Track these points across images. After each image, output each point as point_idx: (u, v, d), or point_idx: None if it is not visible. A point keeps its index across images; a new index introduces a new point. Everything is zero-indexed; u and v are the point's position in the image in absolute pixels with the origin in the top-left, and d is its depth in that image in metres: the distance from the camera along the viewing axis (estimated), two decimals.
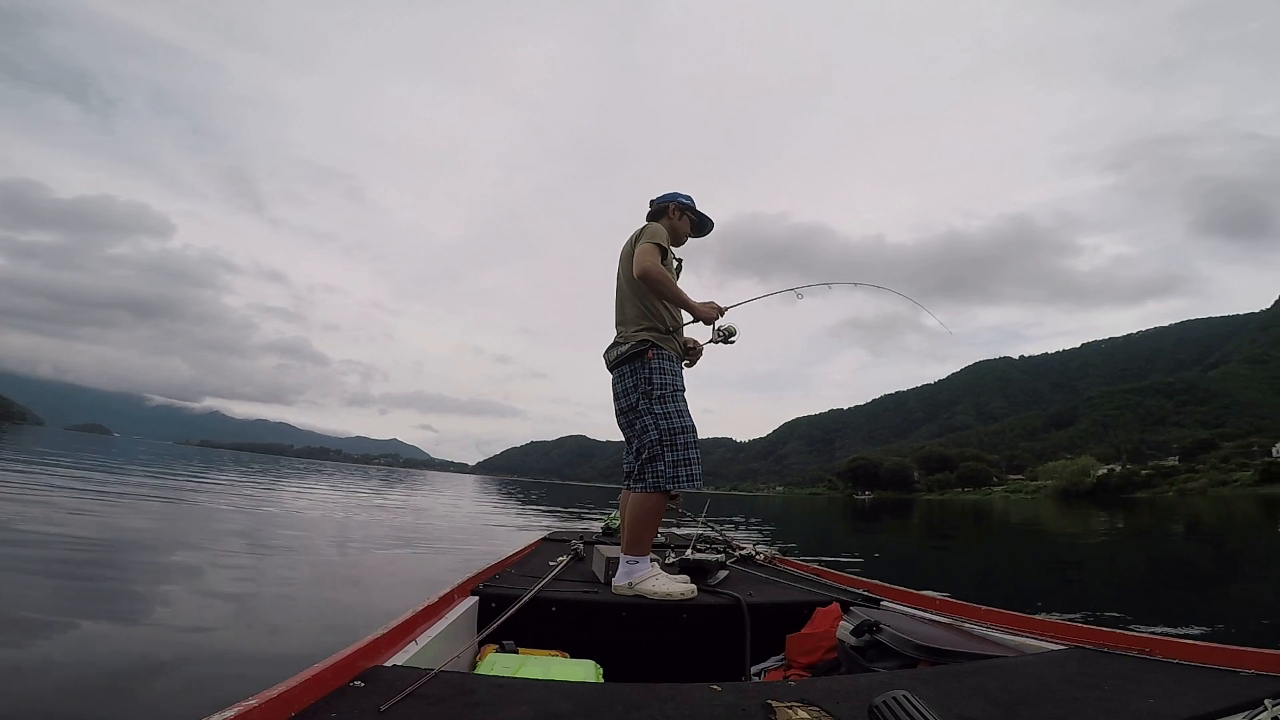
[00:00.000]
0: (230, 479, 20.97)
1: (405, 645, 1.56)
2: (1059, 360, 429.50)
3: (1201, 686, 1.34)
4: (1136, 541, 14.39)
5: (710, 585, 2.58)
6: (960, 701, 1.24)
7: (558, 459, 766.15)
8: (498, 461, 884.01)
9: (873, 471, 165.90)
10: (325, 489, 21.13)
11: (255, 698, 0.98)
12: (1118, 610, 5.34)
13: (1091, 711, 1.22)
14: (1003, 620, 2.03)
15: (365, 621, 3.50)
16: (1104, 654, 1.65)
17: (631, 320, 2.68)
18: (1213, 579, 8.06)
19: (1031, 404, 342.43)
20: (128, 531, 6.91)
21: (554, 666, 1.62)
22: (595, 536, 4.10)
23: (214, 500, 12.13)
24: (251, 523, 9.15)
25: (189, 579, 4.80)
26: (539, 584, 2.32)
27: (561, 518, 15.52)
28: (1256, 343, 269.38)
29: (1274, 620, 5.14)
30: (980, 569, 9.79)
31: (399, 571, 6.14)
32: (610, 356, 2.72)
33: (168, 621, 3.60)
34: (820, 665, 1.95)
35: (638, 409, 2.57)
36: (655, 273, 2.57)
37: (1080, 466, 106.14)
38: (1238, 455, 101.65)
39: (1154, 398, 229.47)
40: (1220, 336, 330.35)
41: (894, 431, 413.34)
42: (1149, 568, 9.63)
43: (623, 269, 2.77)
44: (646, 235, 2.68)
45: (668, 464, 2.46)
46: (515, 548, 3.55)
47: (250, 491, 15.80)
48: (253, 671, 2.85)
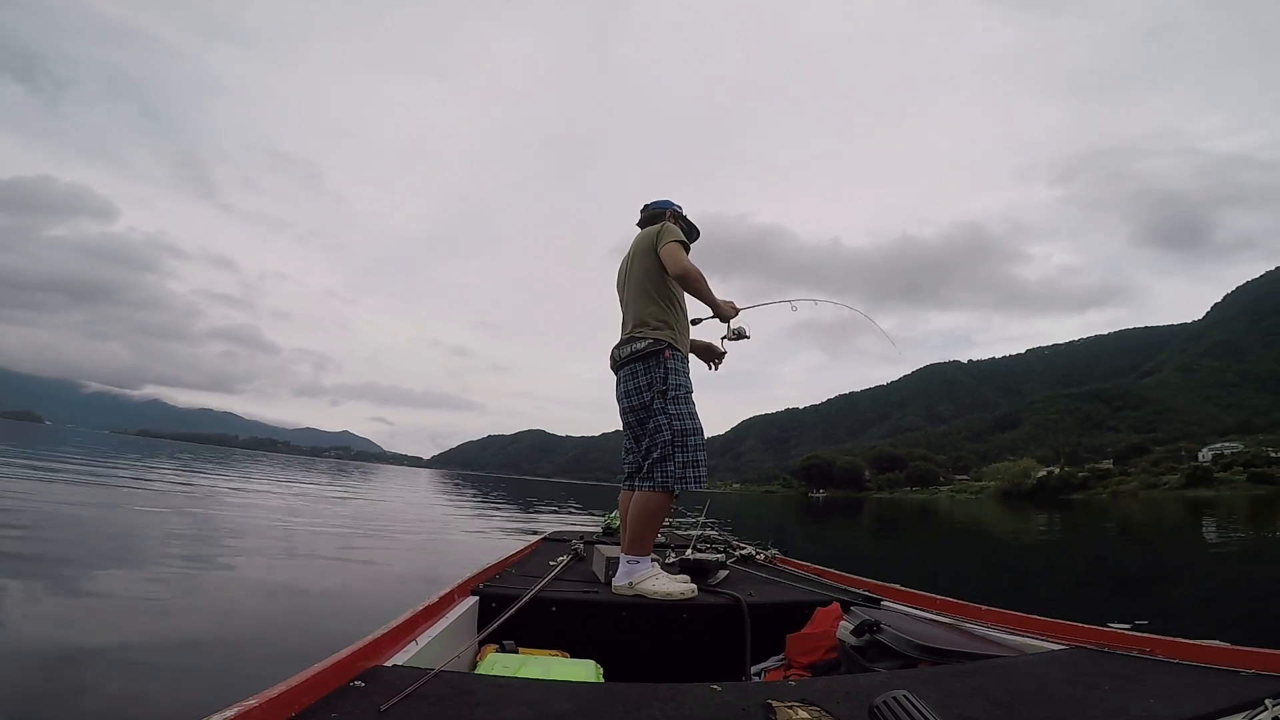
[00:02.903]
0: (170, 471, 20.19)
1: (405, 645, 1.54)
2: (1005, 365, 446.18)
3: (1202, 686, 1.34)
4: (1072, 542, 15.03)
5: (710, 585, 2.57)
6: (961, 701, 1.24)
7: (516, 454, 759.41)
8: (453, 455, 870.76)
9: (826, 470, 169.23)
10: (263, 482, 20.51)
11: (255, 698, 0.97)
12: (1054, 609, 5.55)
13: (1092, 712, 1.22)
14: (1003, 620, 2.04)
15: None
16: (1105, 654, 1.65)
17: (650, 319, 2.65)
18: (1139, 579, 8.49)
19: (978, 407, 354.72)
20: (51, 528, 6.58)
21: (554, 666, 1.61)
22: (595, 536, 4.06)
23: (154, 494, 11.66)
24: (187, 520, 8.85)
25: (161, 577, 4.63)
26: (539, 584, 2.30)
27: (514, 516, 15.41)
28: (1187, 352, 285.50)
29: (1193, 619, 5.43)
30: (926, 564, 10.18)
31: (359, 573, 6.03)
32: (623, 353, 2.68)
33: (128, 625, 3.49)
34: (820, 665, 1.95)
35: (651, 408, 2.56)
36: (695, 271, 2.61)
37: (1022, 468, 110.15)
38: (1167, 459, 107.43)
39: (1092, 403, 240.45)
40: (1155, 345, 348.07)
41: (848, 431, 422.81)
42: (1083, 567, 10.07)
43: (637, 267, 2.75)
44: (669, 234, 2.68)
45: (678, 464, 2.47)
46: (514, 548, 3.49)
47: (182, 483, 15.23)
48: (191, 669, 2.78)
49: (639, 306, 2.70)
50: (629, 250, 2.92)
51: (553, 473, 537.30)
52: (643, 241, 2.78)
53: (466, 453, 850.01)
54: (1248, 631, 4.86)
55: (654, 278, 2.70)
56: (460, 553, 7.99)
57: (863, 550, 12.46)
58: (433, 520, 12.26)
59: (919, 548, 13.63)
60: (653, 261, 2.70)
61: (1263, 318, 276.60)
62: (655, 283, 2.69)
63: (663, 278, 2.70)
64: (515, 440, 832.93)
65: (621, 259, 2.99)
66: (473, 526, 11.71)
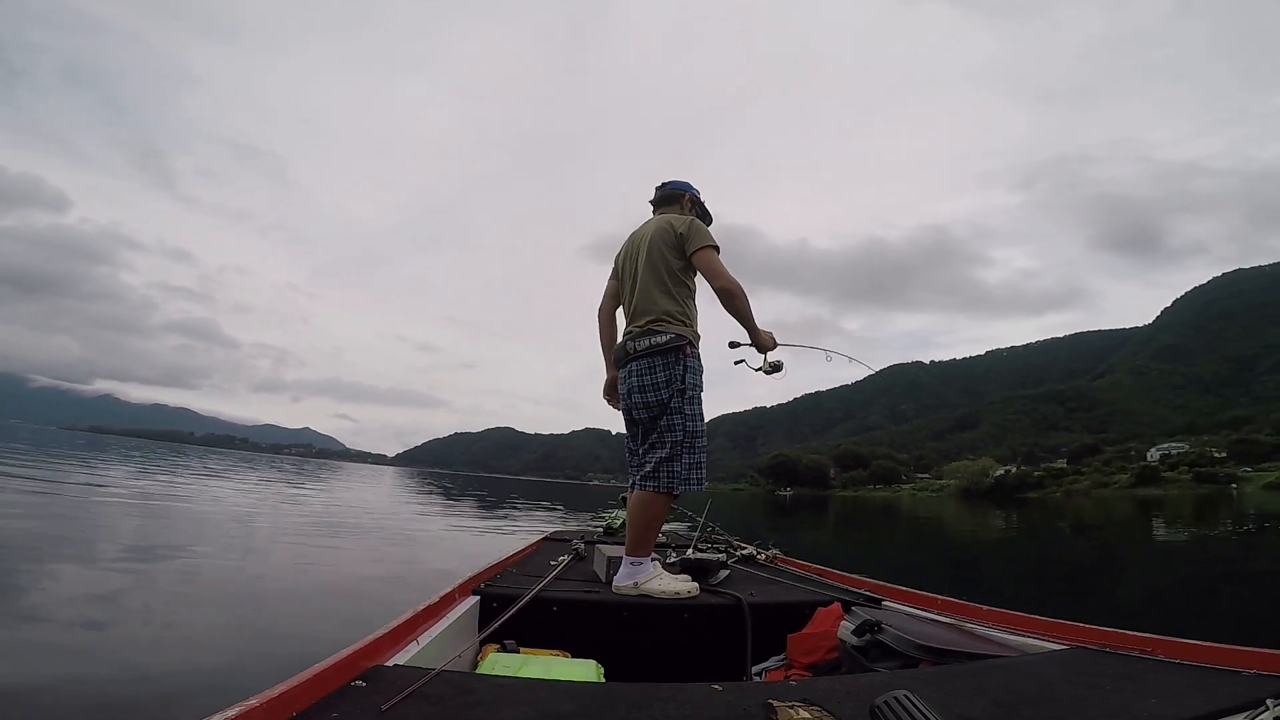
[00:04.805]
0: (127, 469, 19.54)
1: (407, 645, 1.53)
2: (965, 366, 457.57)
3: (1203, 686, 1.34)
4: (1028, 539, 15.53)
5: (711, 585, 2.56)
6: (962, 701, 1.24)
7: (483, 451, 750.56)
8: (419, 453, 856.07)
9: (792, 468, 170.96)
10: (231, 481, 19.99)
11: (256, 697, 0.97)
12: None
13: (1093, 711, 1.22)
14: (1004, 620, 2.05)
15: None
16: (1106, 654, 1.66)
17: (673, 313, 2.55)
18: (1090, 573, 8.85)
19: (940, 407, 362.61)
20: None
21: (555, 666, 1.61)
22: (596, 536, 4.04)
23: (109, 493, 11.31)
24: (142, 518, 8.65)
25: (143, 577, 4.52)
26: (540, 583, 2.28)
27: (481, 514, 15.29)
28: (1138, 355, 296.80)
29: (1143, 615, 5.65)
30: (886, 559, 10.54)
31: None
32: (639, 345, 2.53)
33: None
34: (821, 665, 1.94)
35: (668, 406, 2.48)
36: (740, 291, 2.52)
37: (980, 467, 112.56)
38: (1118, 459, 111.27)
39: (1048, 404, 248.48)
40: (1108, 348, 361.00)
41: (813, 430, 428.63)
42: (1037, 562, 10.46)
43: (656, 254, 2.61)
44: (703, 236, 2.57)
45: (684, 465, 2.44)
46: (515, 548, 3.45)
47: (141, 483, 14.79)
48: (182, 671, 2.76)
49: (657, 296, 2.57)
50: (641, 231, 2.77)
51: (521, 470, 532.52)
52: (664, 231, 2.63)
53: (432, 450, 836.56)
54: (1195, 626, 5.13)
55: (673, 271, 2.58)
56: (453, 551, 7.93)
57: (830, 548, 12.71)
58: (413, 520, 12.13)
59: (881, 545, 13.98)
60: (675, 254, 2.59)
61: (1209, 322, 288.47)
62: (674, 276, 2.58)
63: (683, 271, 2.60)
64: (482, 438, 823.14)
65: (629, 236, 2.86)
66: (458, 526, 11.62)
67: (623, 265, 2.80)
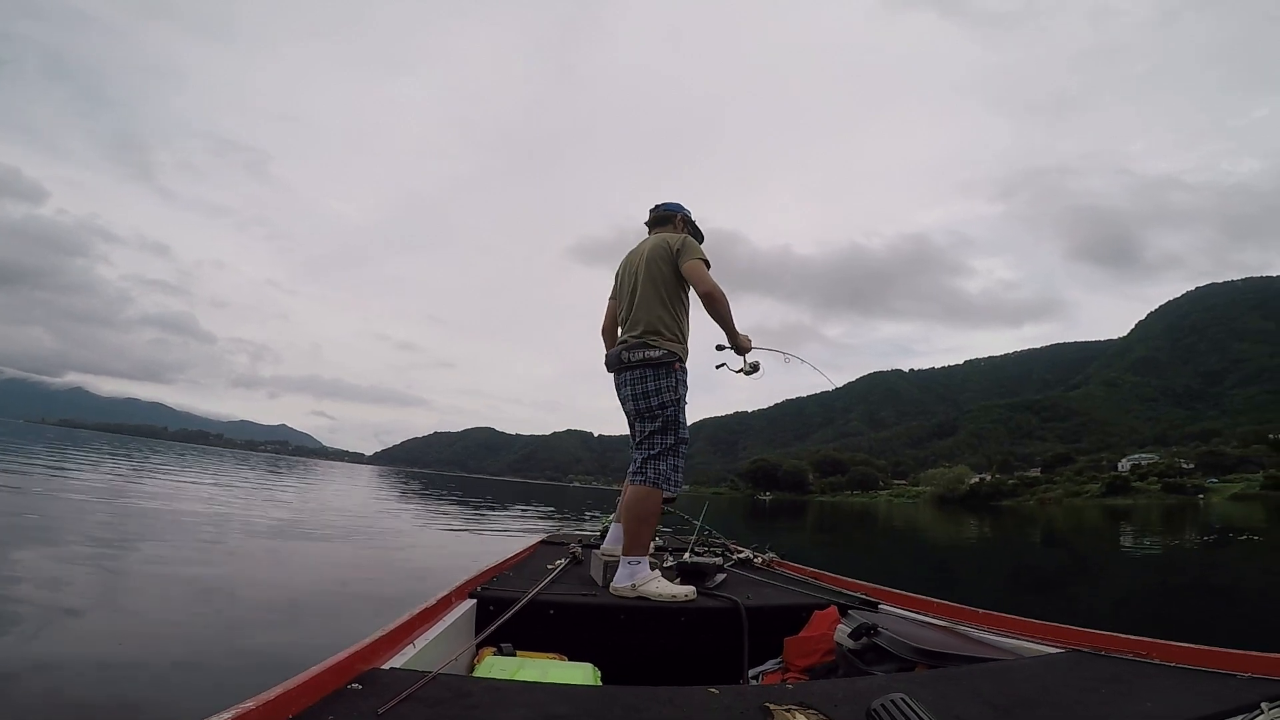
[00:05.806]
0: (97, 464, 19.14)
1: (403, 648, 1.52)
2: (944, 374, 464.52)
3: (1198, 689, 1.34)
4: (1001, 545, 15.81)
5: (708, 588, 2.58)
6: (958, 704, 1.25)
7: (463, 451, 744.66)
8: (397, 452, 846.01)
9: (772, 473, 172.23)
10: (202, 476, 19.66)
11: (252, 700, 0.96)
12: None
13: (1089, 715, 1.23)
14: (1000, 623, 2.07)
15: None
16: (1101, 657, 1.67)
17: (665, 328, 2.73)
18: (1060, 581, 9.03)
19: (918, 414, 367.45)
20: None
21: (552, 669, 1.61)
22: (593, 539, 4.05)
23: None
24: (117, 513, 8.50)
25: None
26: (537, 587, 2.29)
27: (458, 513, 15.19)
28: (1112, 367, 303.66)
29: (1112, 618, 5.83)
30: (861, 563, 10.73)
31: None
32: (633, 356, 2.73)
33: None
34: (818, 668, 1.96)
35: (658, 414, 2.69)
36: (722, 296, 2.75)
37: (956, 474, 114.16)
38: (1089, 469, 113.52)
39: (1023, 413, 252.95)
40: (1083, 360, 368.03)
41: (794, 435, 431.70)
42: (1010, 568, 10.68)
43: (653, 269, 2.79)
44: (694, 250, 2.78)
45: (668, 466, 2.64)
46: (512, 551, 3.46)
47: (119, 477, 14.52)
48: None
49: (651, 310, 2.77)
50: (639, 249, 2.96)
51: (501, 471, 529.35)
52: (660, 247, 2.83)
53: (411, 449, 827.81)
54: (1163, 629, 5.26)
55: (669, 284, 2.78)
56: (450, 552, 7.89)
57: (806, 552, 12.86)
58: (397, 521, 12.02)
59: (858, 549, 14.16)
60: (670, 269, 2.78)
61: (1182, 335, 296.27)
62: (670, 290, 2.77)
63: (678, 285, 2.80)
64: (462, 437, 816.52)
65: (628, 254, 3.04)
66: (450, 526, 11.55)
67: (621, 283, 2.99)
